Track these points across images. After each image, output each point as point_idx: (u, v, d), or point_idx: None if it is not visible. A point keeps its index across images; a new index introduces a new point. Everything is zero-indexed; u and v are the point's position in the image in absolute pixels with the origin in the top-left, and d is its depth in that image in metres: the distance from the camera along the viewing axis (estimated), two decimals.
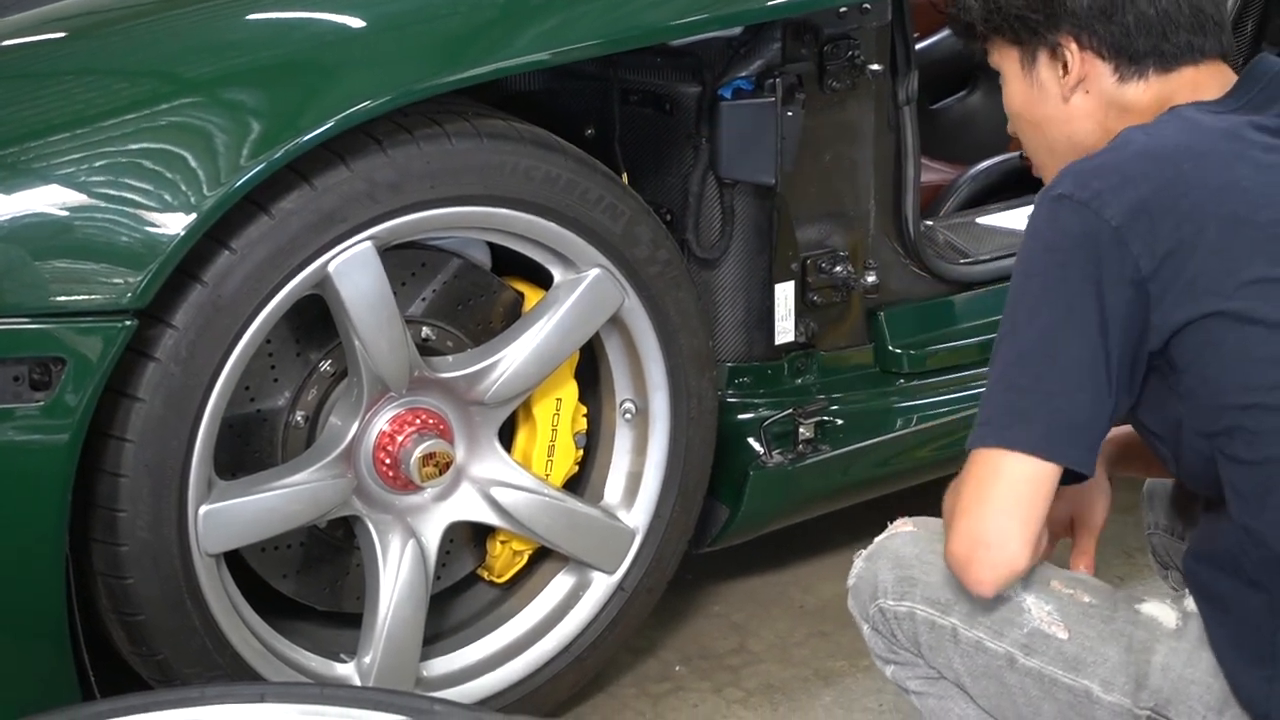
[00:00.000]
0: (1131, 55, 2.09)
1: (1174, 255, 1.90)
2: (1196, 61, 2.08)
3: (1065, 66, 2.13)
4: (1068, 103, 2.16)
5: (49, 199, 2.29)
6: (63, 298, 2.27)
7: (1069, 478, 2.01)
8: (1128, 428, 2.18)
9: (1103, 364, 1.94)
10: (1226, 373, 1.92)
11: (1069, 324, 1.95)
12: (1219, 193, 1.94)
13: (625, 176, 2.79)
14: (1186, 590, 2.08)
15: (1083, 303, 1.94)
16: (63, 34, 2.57)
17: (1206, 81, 2.09)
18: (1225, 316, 1.89)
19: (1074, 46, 2.10)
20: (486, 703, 2.73)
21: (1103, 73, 2.12)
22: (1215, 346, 1.91)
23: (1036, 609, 2.06)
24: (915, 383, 3.17)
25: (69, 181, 2.29)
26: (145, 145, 2.32)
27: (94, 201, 2.29)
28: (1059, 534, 2.33)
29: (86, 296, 2.27)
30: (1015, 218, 3.28)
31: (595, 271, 2.63)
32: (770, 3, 2.79)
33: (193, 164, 2.29)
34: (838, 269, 3.00)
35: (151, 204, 2.28)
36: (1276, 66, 2.15)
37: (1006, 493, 1.97)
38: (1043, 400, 1.96)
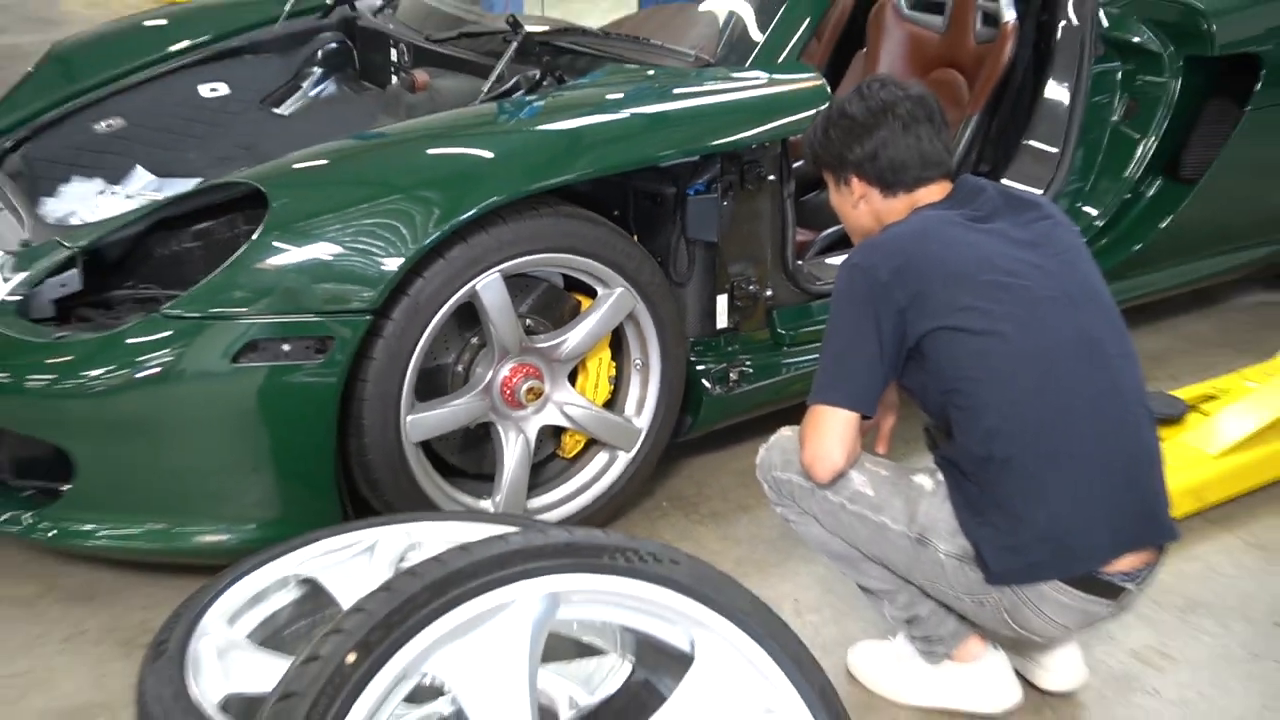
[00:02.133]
0: (888, 185, 2.32)
1: (918, 295, 2.17)
2: (928, 184, 2.33)
3: (852, 190, 2.37)
4: (856, 209, 2.40)
5: (324, 249, 2.60)
6: (333, 303, 2.57)
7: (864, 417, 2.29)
8: None
9: (877, 358, 2.21)
10: (948, 362, 2.20)
11: (859, 336, 2.22)
12: (942, 259, 2.20)
13: (635, 237, 3.00)
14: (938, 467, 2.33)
15: (867, 325, 2.20)
16: (325, 161, 2.83)
17: (937, 191, 2.33)
18: (947, 329, 2.17)
19: (855, 180, 2.35)
20: (562, 522, 2.93)
21: (874, 194, 2.35)
22: (943, 346, 2.19)
23: (856, 478, 2.33)
24: (791, 349, 3.32)
25: (334, 239, 2.60)
26: (377, 220, 2.63)
27: (348, 251, 2.60)
28: (876, 423, 2.55)
29: (345, 303, 2.57)
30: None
31: (620, 289, 2.88)
32: (714, 143, 2.97)
33: (403, 231, 2.60)
34: (750, 287, 3.20)
35: (381, 252, 2.59)
36: (972, 183, 2.37)
37: (826, 429, 2.26)
38: (845, 377, 2.25)
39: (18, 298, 2.74)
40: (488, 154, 2.79)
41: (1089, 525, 2.20)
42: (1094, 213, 3.73)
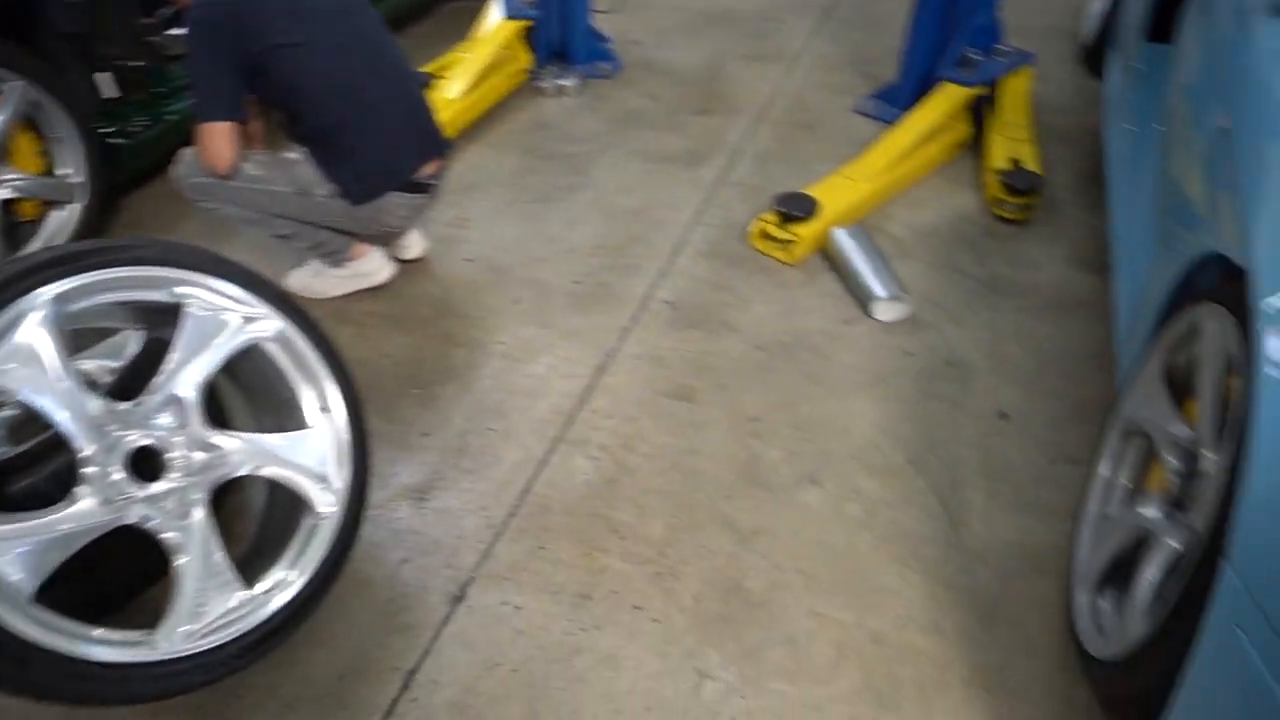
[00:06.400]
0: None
1: (242, 29, 1.89)
2: None
3: None
4: None
5: None
6: None
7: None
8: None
9: (233, 79, 1.95)
10: (278, 72, 1.96)
11: (215, 67, 1.95)
12: (251, 3, 1.91)
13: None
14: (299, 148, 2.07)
15: (219, 58, 1.93)
16: None
17: None
18: (270, 48, 1.91)
19: None
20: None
21: None
22: (272, 62, 1.94)
23: (248, 167, 2.07)
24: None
25: None
26: None
27: None
28: (248, 131, 2.16)
29: None
30: None
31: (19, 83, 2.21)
32: None
33: None
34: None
35: None
36: None
37: (216, 138, 2.00)
38: (217, 98, 1.98)
39: None
40: None
41: (399, 152, 2.13)
42: None
